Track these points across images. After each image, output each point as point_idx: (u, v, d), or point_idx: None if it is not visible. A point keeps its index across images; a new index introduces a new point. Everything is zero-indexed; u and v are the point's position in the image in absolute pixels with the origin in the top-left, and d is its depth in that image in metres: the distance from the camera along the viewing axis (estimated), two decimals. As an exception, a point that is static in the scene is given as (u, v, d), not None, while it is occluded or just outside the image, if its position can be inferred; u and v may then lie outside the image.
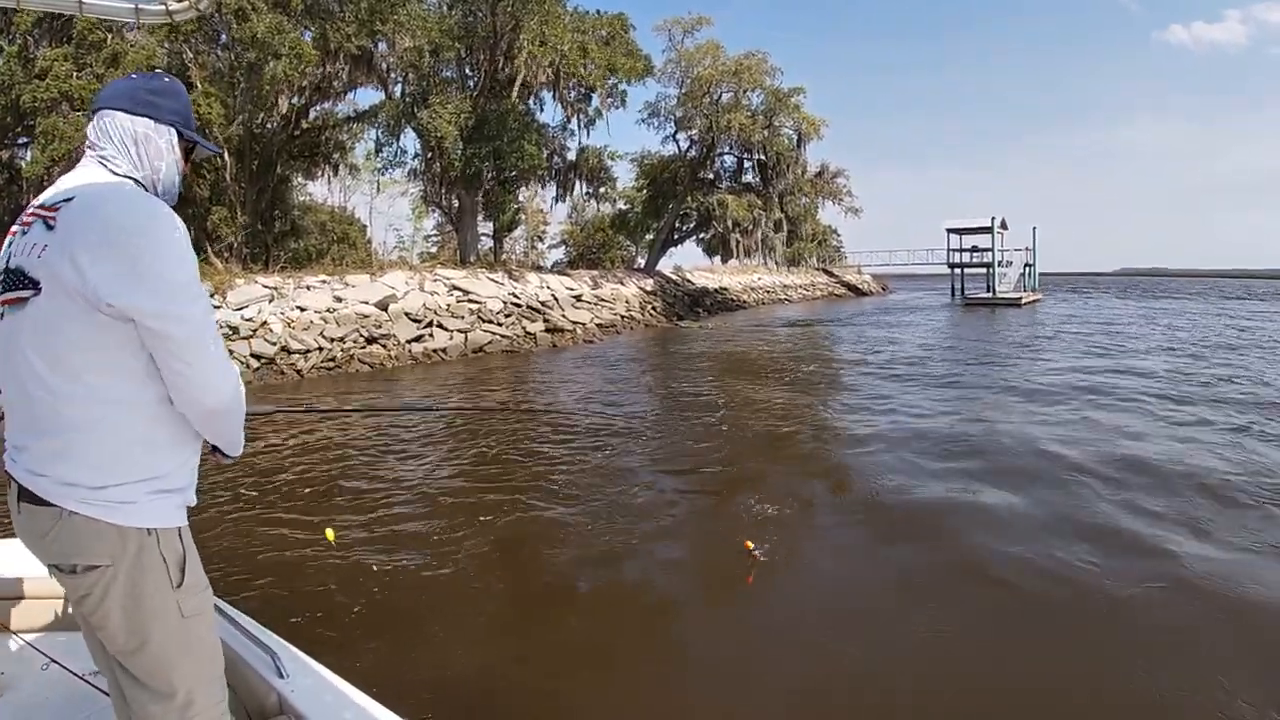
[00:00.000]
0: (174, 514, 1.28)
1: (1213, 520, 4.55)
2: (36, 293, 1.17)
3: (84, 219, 1.17)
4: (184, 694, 1.27)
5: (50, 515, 1.20)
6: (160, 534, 1.25)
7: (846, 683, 2.94)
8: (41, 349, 1.18)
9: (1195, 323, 21.57)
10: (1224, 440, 6.61)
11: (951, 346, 15.98)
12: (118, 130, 1.31)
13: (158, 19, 2.15)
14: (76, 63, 14.56)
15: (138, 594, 1.22)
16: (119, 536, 1.21)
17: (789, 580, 3.95)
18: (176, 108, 1.37)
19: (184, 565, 1.28)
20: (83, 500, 1.19)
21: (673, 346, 16.87)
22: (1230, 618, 3.33)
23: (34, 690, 1.78)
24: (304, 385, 11.34)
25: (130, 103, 1.32)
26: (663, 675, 3.08)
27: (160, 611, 1.24)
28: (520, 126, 19.53)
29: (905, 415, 8.14)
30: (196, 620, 1.29)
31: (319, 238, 21.76)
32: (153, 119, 1.33)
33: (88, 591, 1.22)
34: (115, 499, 1.21)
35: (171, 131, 1.36)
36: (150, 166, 1.34)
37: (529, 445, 7.00)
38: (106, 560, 1.20)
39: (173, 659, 1.26)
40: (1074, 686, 2.82)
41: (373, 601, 3.65)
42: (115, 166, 1.30)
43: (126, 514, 1.21)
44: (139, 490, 1.23)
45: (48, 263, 1.16)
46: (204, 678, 1.31)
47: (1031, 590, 3.66)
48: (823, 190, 30.67)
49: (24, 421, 1.23)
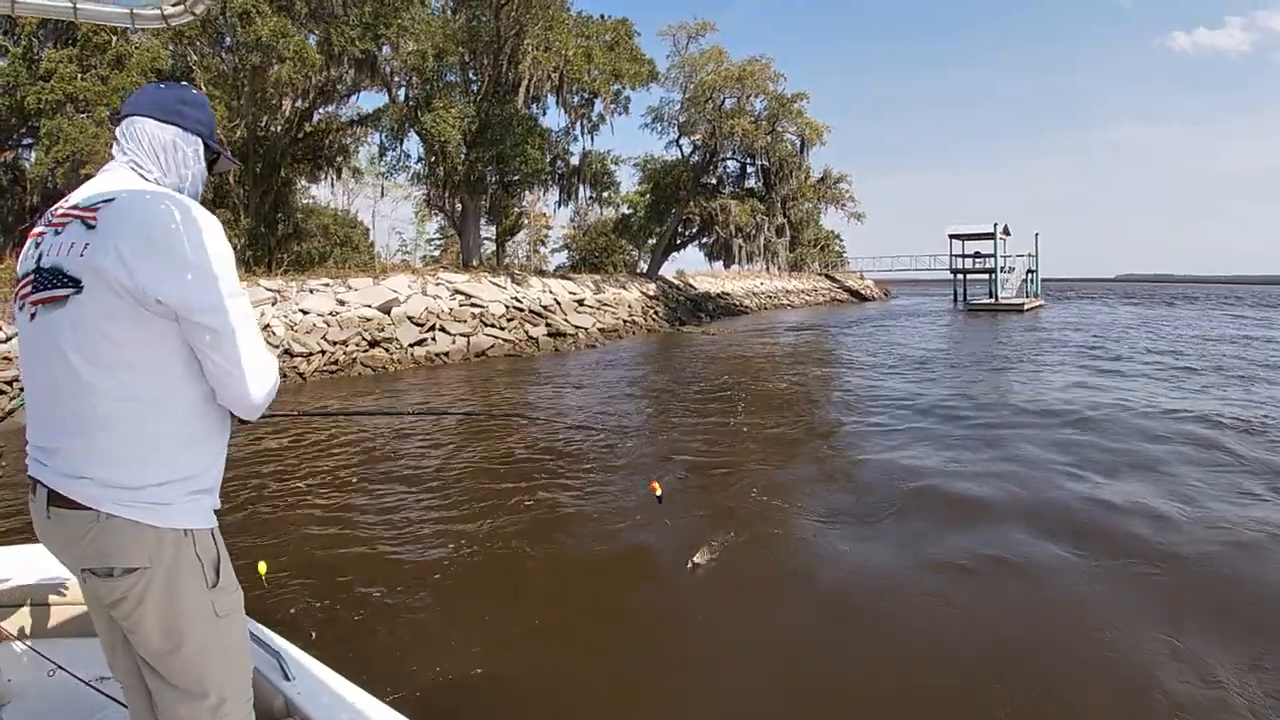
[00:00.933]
0: (207, 515, 1.30)
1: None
2: (78, 291, 1.17)
3: (128, 217, 1.19)
4: (216, 694, 1.28)
5: (87, 519, 1.19)
6: (196, 535, 1.26)
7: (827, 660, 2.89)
8: (82, 347, 1.18)
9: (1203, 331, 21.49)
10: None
11: (954, 353, 15.94)
12: (147, 137, 1.33)
13: (153, 24, 2.13)
14: (81, 64, 14.57)
15: (174, 595, 1.23)
16: (157, 538, 1.21)
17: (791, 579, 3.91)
18: (203, 118, 1.40)
19: (219, 565, 1.29)
20: (120, 502, 1.19)
21: (675, 351, 16.84)
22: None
23: (40, 697, 1.78)
24: (306, 389, 11.31)
25: (160, 111, 1.35)
26: (662, 673, 3.04)
27: (196, 612, 1.26)
28: (524, 131, 19.57)
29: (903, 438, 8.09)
30: (230, 620, 1.31)
31: (322, 241, 21.77)
32: (181, 128, 1.36)
33: (124, 595, 1.22)
34: (154, 500, 1.21)
35: (198, 141, 1.39)
36: (179, 175, 1.37)
37: (528, 446, 6.96)
38: (145, 562, 1.21)
39: (207, 659, 1.28)
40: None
41: (373, 601, 3.61)
42: (146, 173, 1.33)
43: (164, 515, 1.22)
44: (176, 491, 1.24)
45: (91, 261, 1.17)
46: (236, 677, 1.32)
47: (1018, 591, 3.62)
48: (825, 196, 30.70)
49: (56, 423, 1.22)
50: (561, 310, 18.59)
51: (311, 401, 10.06)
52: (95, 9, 2.09)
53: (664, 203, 27.69)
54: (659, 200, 27.84)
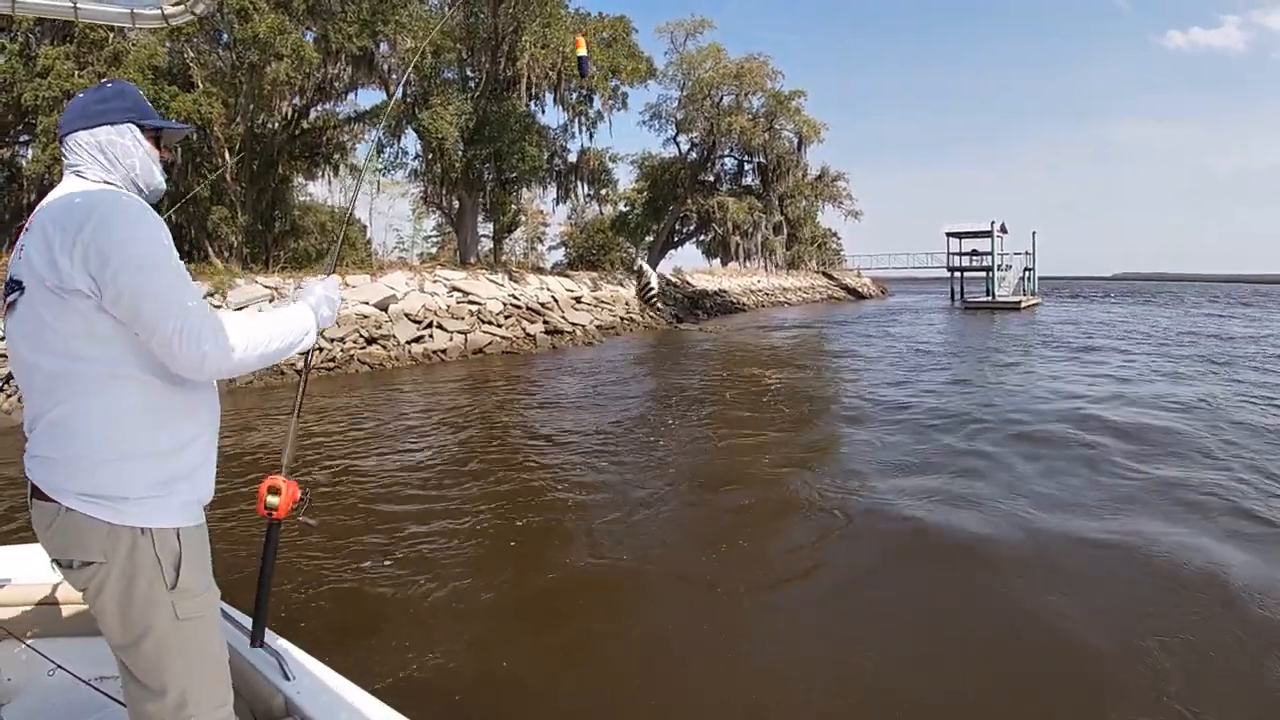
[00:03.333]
0: (173, 514, 1.28)
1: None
2: (22, 292, 1.25)
3: (51, 214, 1.24)
4: (176, 694, 1.26)
5: (51, 511, 1.23)
6: (155, 534, 1.25)
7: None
8: (31, 341, 1.24)
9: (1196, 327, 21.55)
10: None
11: (952, 350, 15.99)
12: (83, 147, 1.36)
13: (153, 23, 2.15)
14: (78, 61, 14.54)
15: (131, 593, 1.23)
16: (112, 534, 1.22)
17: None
18: (125, 105, 1.40)
19: (179, 566, 1.26)
20: (78, 496, 1.21)
21: (672, 349, 16.87)
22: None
23: (41, 696, 1.78)
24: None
25: (84, 119, 1.37)
26: (664, 672, 3.08)
27: (154, 612, 1.24)
28: (521, 128, 19.55)
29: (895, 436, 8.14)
30: (194, 624, 1.28)
31: (319, 238, 21.74)
32: (108, 124, 1.37)
33: (84, 586, 1.25)
34: (108, 494, 1.22)
35: (131, 127, 1.40)
36: (124, 166, 1.38)
37: (528, 446, 7.00)
38: (100, 557, 1.22)
39: (165, 659, 1.26)
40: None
41: (373, 601, 3.64)
42: (87, 174, 1.36)
43: (119, 512, 1.22)
44: (135, 485, 1.23)
45: (26, 261, 1.24)
46: (199, 681, 1.29)
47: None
48: (822, 193, 30.70)
49: (30, 418, 1.27)
50: (559, 307, 18.60)
51: (309, 399, 10.08)
52: (96, 8, 2.10)
53: (661, 200, 27.68)
54: (656, 197, 27.82)
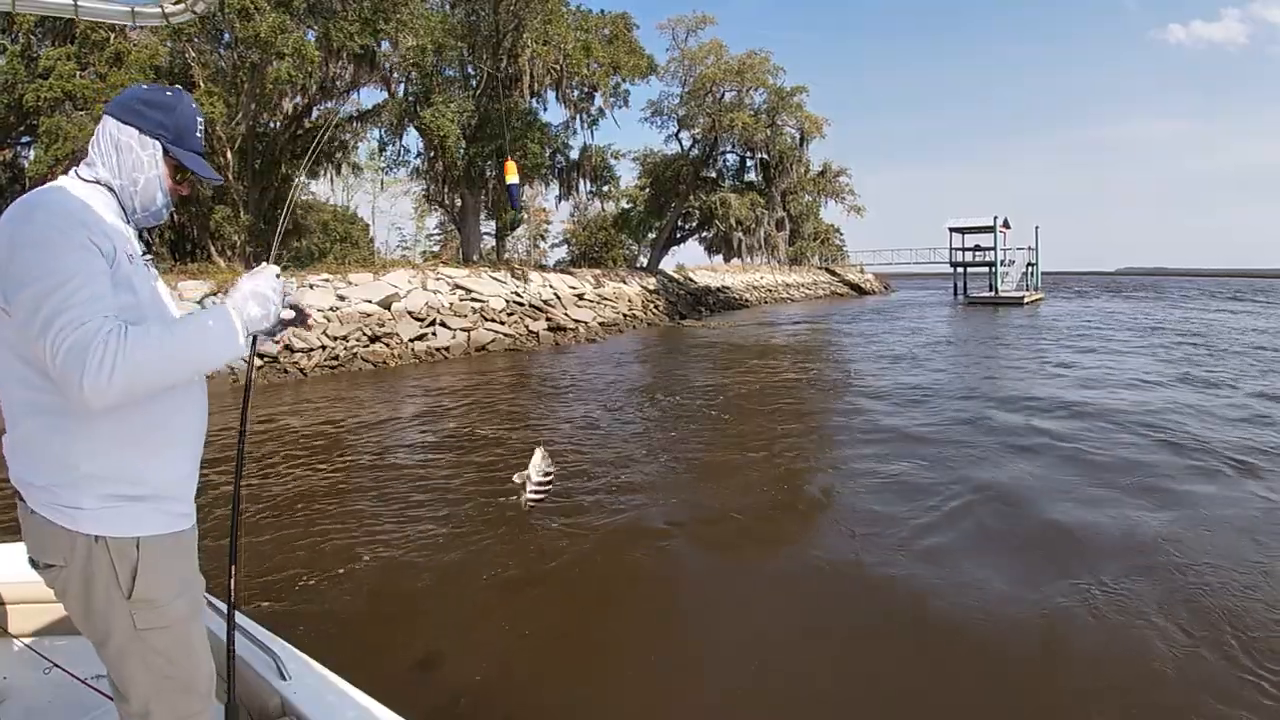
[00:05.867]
0: (133, 523, 1.23)
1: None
2: None
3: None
4: (139, 703, 1.26)
5: (24, 511, 1.25)
6: (110, 542, 1.21)
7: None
8: None
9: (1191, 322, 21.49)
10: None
11: (953, 347, 15.95)
12: (106, 134, 1.30)
13: (154, 21, 2.15)
14: (79, 62, 14.57)
15: (90, 597, 1.23)
16: (70, 539, 1.21)
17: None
18: (165, 121, 1.31)
19: (135, 576, 1.22)
20: (39, 500, 1.22)
21: (675, 345, 16.85)
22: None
23: (36, 695, 1.78)
24: (306, 384, 11.34)
25: (120, 110, 1.30)
26: (662, 676, 3.08)
27: (110, 619, 1.23)
28: (523, 125, 19.54)
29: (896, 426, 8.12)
30: (154, 634, 1.25)
31: (322, 237, 21.79)
32: (138, 129, 1.30)
33: (52, 584, 1.26)
34: (63, 501, 1.20)
35: (157, 146, 1.31)
36: (128, 177, 1.30)
37: (525, 445, 6.99)
38: (60, 560, 1.22)
39: (126, 668, 1.25)
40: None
41: (374, 600, 3.64)
42: (84, 171, 1.29)
43: (74, 518, 1.20)
44: (88, 495, 1.20)
45: None
46: (160, 692, 1.27)
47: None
48: (825, 189, 30.67)
49: (6, 426, 1.28)
50: (562, 305, 18.60)
51: (313, 397, 10.09)
52: (96, 6, 2.10)
53: (663, 196, 27.65)
54: (658, 194, 27.80)
